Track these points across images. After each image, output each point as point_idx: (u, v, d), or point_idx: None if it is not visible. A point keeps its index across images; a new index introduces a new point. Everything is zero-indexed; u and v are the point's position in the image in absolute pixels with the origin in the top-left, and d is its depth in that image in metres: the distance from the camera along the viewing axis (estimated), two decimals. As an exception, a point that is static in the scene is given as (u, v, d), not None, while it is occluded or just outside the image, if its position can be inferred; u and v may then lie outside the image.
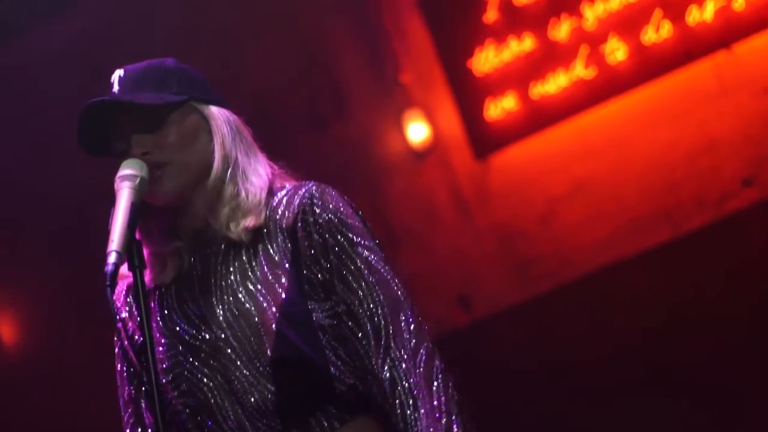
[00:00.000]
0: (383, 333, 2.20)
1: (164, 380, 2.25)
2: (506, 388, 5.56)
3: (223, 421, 2.23)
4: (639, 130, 5.72)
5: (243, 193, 2.29)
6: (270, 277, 2.24)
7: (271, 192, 2.33)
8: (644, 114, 5.72)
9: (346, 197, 2.32)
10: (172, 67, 2.35)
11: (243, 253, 2.28)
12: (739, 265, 5.37)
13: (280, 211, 2.30)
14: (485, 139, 5.92)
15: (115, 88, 2.29)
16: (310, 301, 2.23)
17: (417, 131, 6.00)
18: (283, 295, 2.22)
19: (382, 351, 2.19)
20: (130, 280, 2.30)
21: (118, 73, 2.31)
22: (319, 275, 2.25)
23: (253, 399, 2.21)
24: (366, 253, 2.25)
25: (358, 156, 6.14)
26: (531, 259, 5.82)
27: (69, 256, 6.06)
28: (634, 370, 5.44)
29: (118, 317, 2.33)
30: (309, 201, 2.28)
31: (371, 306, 2.21)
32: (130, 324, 2.37)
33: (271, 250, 2.27)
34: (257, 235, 2.28)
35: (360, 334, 2.22)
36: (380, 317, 2.21)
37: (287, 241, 2.27)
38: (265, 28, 6.23)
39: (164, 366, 2.26)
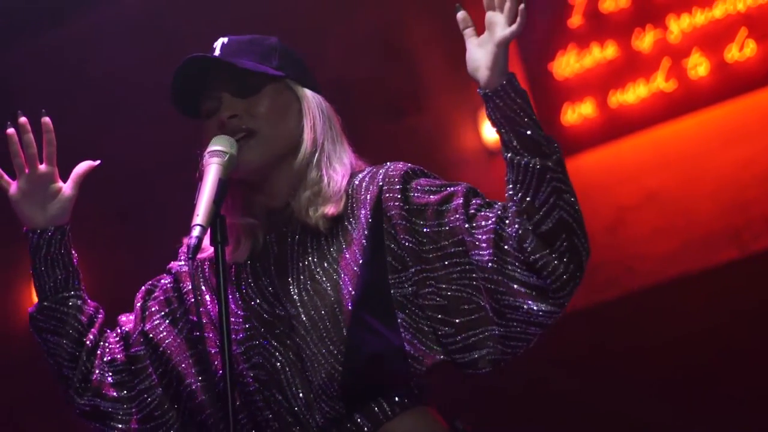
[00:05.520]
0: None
1: (237, 351, 2.26)
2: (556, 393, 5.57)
3: (291, 397, 2.22)
4: (715, 147, 5.69)
5: (326, 180, 2.29)
6: (347, 257, 2.24)
7: (352, 176, 2.35)
8: (721, 131, 5.68)
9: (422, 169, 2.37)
10: (275, 43, 2.39)
11: (320, 235, 2.29)
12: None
13: (363, 186, 2.30)
14: (560, 143, 5.88)
15: (217, 52, 2.32)
16: (391, 275, 2.24)
17: (492, 129, 5.97)
18: (360, 274, 2.22)
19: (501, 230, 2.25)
20: (207, 255, 2.34)
21: (222, 39, 2.34)
22: (405, 242, 2.25)
23: (320, 379, 2.20)
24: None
25: (431, 148, 6.13)
26: (595, 266, 5.78)
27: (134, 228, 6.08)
28: (685, 384, 5.43)
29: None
30: (392, 173, 2.31)
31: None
32: (190, 301, 2.38)
33: (351, 230, 2.27)
34: (335, 221, 2.28)
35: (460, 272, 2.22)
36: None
37: (369, 214, 2.27)
38: (344, 15, 6.24)
39: (238, 337, 2.27)
